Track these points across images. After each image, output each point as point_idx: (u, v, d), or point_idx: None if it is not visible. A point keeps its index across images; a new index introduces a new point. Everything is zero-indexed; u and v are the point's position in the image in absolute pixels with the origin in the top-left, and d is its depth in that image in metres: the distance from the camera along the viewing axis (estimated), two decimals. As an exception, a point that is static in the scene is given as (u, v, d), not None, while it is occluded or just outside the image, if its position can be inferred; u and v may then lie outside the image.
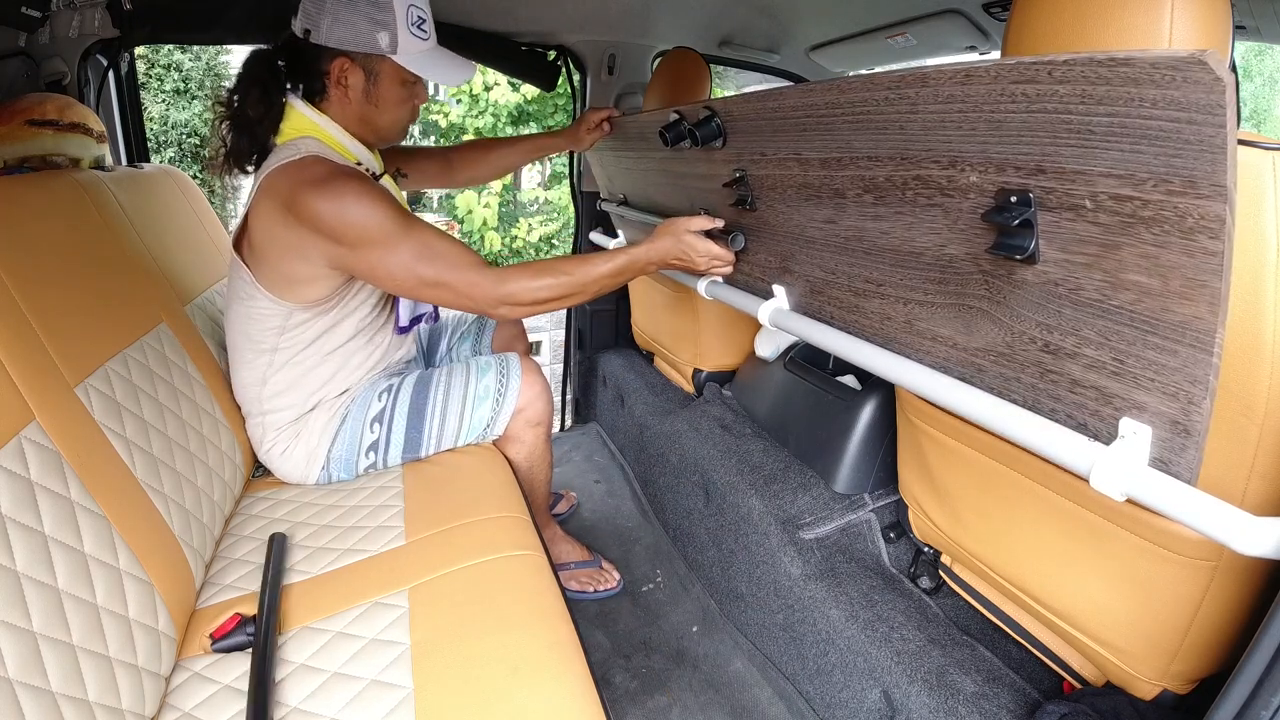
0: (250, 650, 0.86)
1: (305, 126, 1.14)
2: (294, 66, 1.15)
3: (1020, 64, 0.55)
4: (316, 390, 1.25)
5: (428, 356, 1.64)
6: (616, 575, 1.62)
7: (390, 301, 1.33)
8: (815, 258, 0.99)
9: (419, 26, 1.12)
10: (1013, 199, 0.63)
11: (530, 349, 1.51)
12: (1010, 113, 0.59)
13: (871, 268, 0.87)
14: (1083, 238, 0.59)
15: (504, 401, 1.34)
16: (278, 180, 1.06)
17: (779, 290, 1.13)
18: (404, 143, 1.36)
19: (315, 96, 1.16)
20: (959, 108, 0.63)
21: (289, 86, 1.16)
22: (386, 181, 1.26)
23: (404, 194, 1.35)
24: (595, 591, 1.57)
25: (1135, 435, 0.61)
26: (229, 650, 0.88)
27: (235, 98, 1.15)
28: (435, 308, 1.42)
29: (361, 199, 1.04)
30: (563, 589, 1.02)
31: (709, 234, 1.17)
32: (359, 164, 1.18)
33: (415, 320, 1.37)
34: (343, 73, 1.13)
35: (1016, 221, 0.62)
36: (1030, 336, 0.68)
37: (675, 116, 1.12)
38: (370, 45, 1.10)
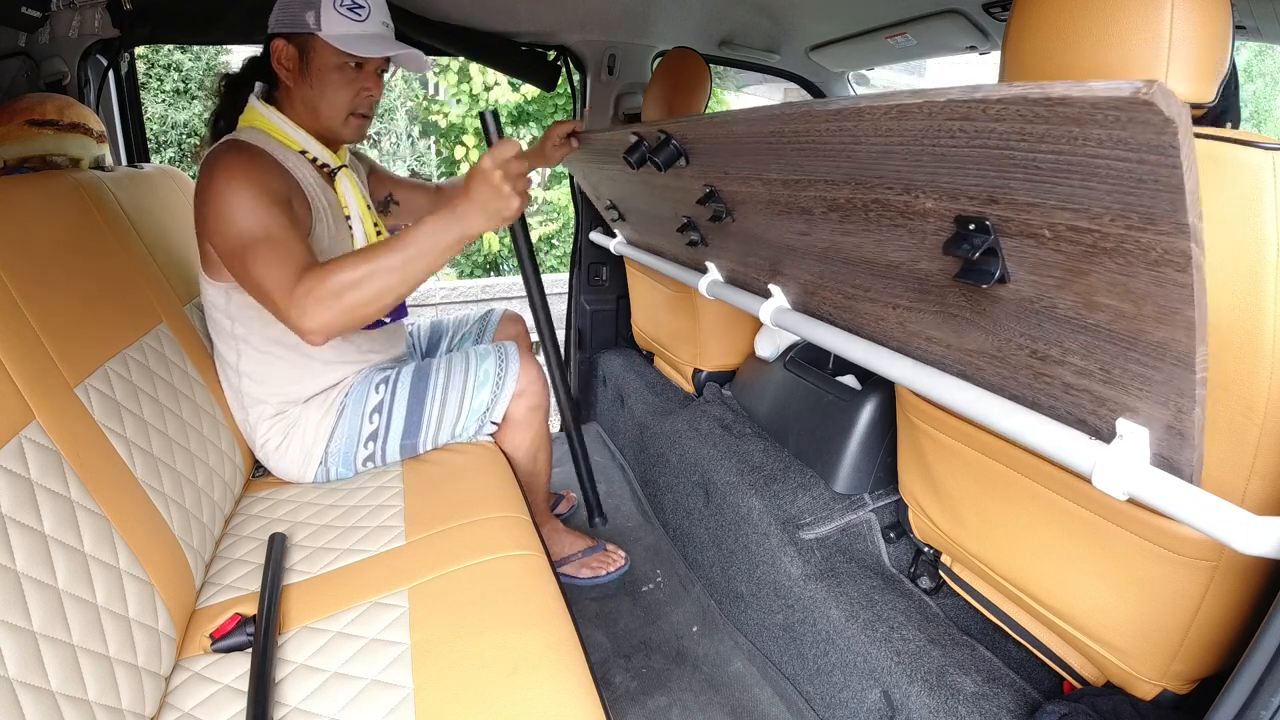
0: (250, 650, 0.86)
1: (254, 120, 1.20)
2: (263, 63, 1.21)
3: (952, 102, 0.52)
4: (298, 381, 1.26)
5: (427, 355, 1.65)
6: (622, 554, 1.68)
7: None
8: (801, 263, 0.99)
9: (351, 10, 1.15)
10: (971, 226, 0.61)
11: (532, 349, 1.52)
12: (951, 147, 0.56)
13: (854, 275, 0.87)
14: (1048, 263, 0.57)
15: (504, 386, 1.36)
16: (206, 157, 1.12)
17: (776, 290, 1.13)
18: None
19: (274, 90, 1.22)
20: (899, 140, 0.60)
21: (259, 86, 1.23)
22: (344, 176, 1.26)
23: (366, 200, 1.33)
24: (608, 573, 1.62)
25: (1133, 435, 0.61)
26: (229, 650, 0.88)
27: (219, 92, 1.25)
28: (404, 305, 1.37)
29: (232, 172, 1.05)
30: (562, 585, 1.02)
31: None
32: (304, 152, 1.21)
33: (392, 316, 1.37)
34: (279, 52, 1.17)
35: (977, 254, 0.60)
36: (1017, 344, 0.67)
37: (635, 139, 1.10)
38: (300, 23, 1.14)
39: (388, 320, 1.36)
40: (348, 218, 1.26)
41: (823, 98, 2.51)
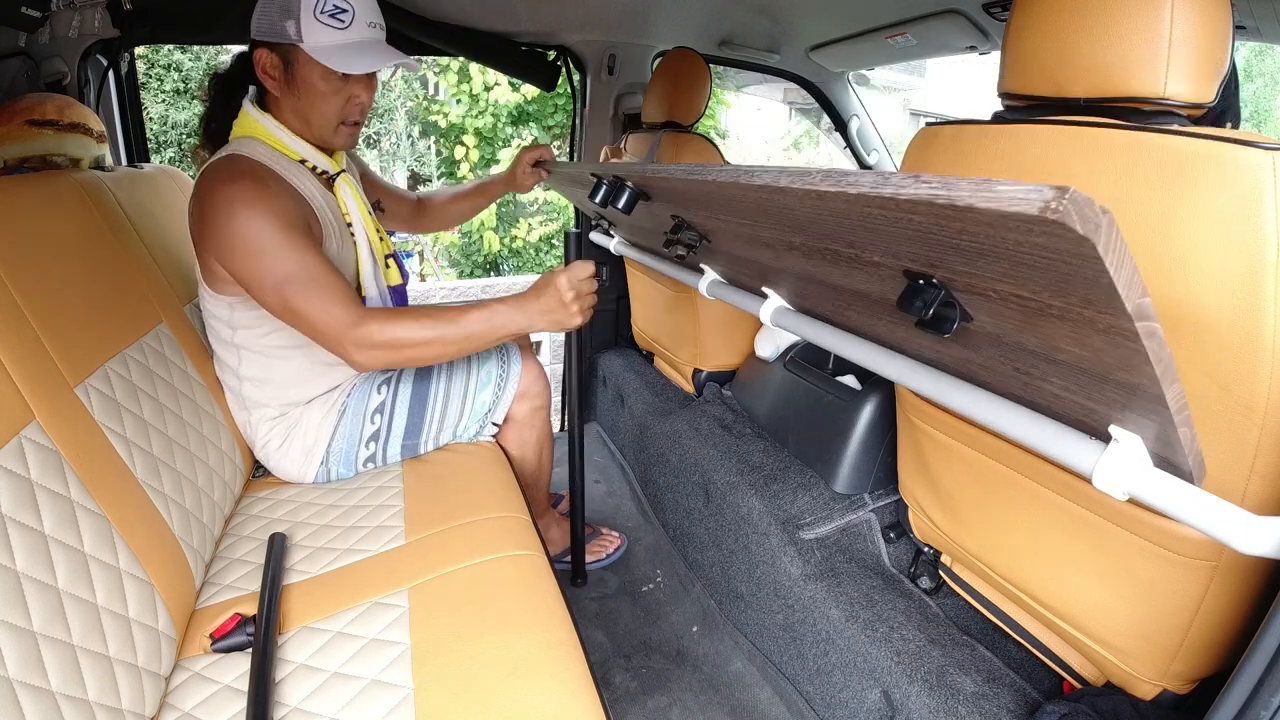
0: (250, 650, 0.86)
1: (250, 128, 1.16)
2: (251, 68, 1.18)
3: (863, 194, 0.51)
4: (300, 384, 1.25)
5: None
6: (617, 534, 1.75)
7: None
8: (784, 279, 1.00)
9: (333, 16, 1.08)
10: (920, 281, 0.60)
11: (533, 348, 1.53)
12: (878, 225, 0.56)
13: (834, 294, 0.87)
14: (1003, 314, 0.56)
15: (505, 387, 1.37)
16: (204, 173, 1.10)
17: (770, 291, 1.13)
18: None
19: (265, 96, 1.19)
20: (828, 213, 0.60)
21: (253, 89, 1.20)
22: (344, 181, 1.24)
23: (367, 205, 1.32)
24: (608, 555, 1.69)
25: (1128, 439, 0.61)
26: (229, 650, 0.88)
27: (211, 92, 1.21)
28: (404, 302, 1.39)
29: (252, 204, 1.03)
30: (562, 583, 1.02)
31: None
32: (303, 161, 1.18)
33: None
34: (263, 61, 1.12)
35: (930, 313, 0.59)
36: (999, 361, 0.67)
37: (594, 179, 1.11)
38: (280, 33, 1.09)
39: None
40: (349, 225, 1.25)
41: (824, 101, 2.51)
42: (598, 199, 1.09)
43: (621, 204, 1.04)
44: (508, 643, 0.86)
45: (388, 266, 1.33)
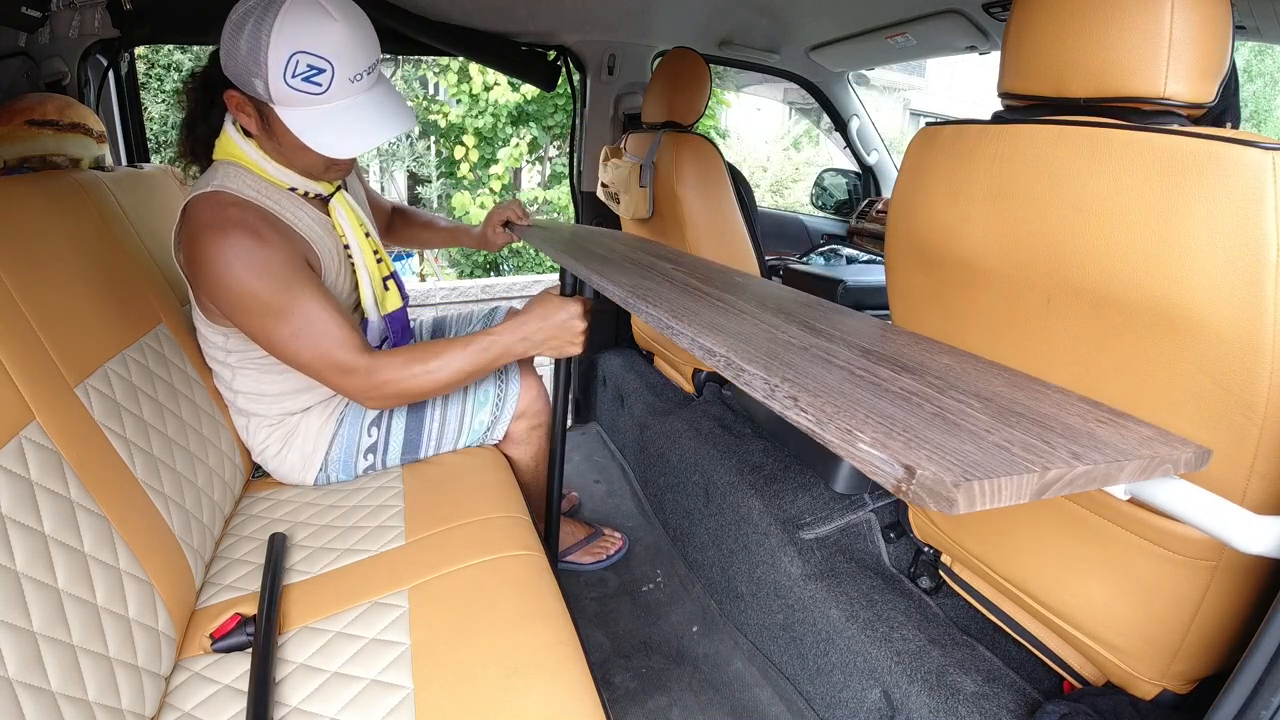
0: (250, 650, 0.86)
1: (231, 150, 1.07)
2: None
3: (752, 396, 0.57)
4: (295, 395, 1.23)
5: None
6: (619, 535, 1.76)
7: (357, 316, 1.28)
8: None
9: (308, 80, 0.95)
10: None
11: (532, 365, 1.51)
12: None
13: None
14: None
15: (504, 406, 1.35)
16: (190, 210, 1.02)
17: None
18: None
19: None
20: None
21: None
22: (338, 201, 1.17)
23: (365, 212, 1.27)
24: (609, 556, 1.69)
25: None
26: (229, 650, 0.88)
27: (191, 96, 1.11)
28: (405, 325, 1.34)
29: (247, 263, 0.98)
30: (563, 582, 1.02)
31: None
32: (293, 189, 1.11)
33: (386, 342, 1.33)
34: (235, 102, 1.02)
35: None
36: None
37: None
38: (250, 86, 0.97)
39: (377, 345, 1.32)
40: (346, 247, 1.20)
41: (824, 100, 2.51)
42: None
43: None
44: (508, 643, 0.85)
45: (386, 289, 1.27)
